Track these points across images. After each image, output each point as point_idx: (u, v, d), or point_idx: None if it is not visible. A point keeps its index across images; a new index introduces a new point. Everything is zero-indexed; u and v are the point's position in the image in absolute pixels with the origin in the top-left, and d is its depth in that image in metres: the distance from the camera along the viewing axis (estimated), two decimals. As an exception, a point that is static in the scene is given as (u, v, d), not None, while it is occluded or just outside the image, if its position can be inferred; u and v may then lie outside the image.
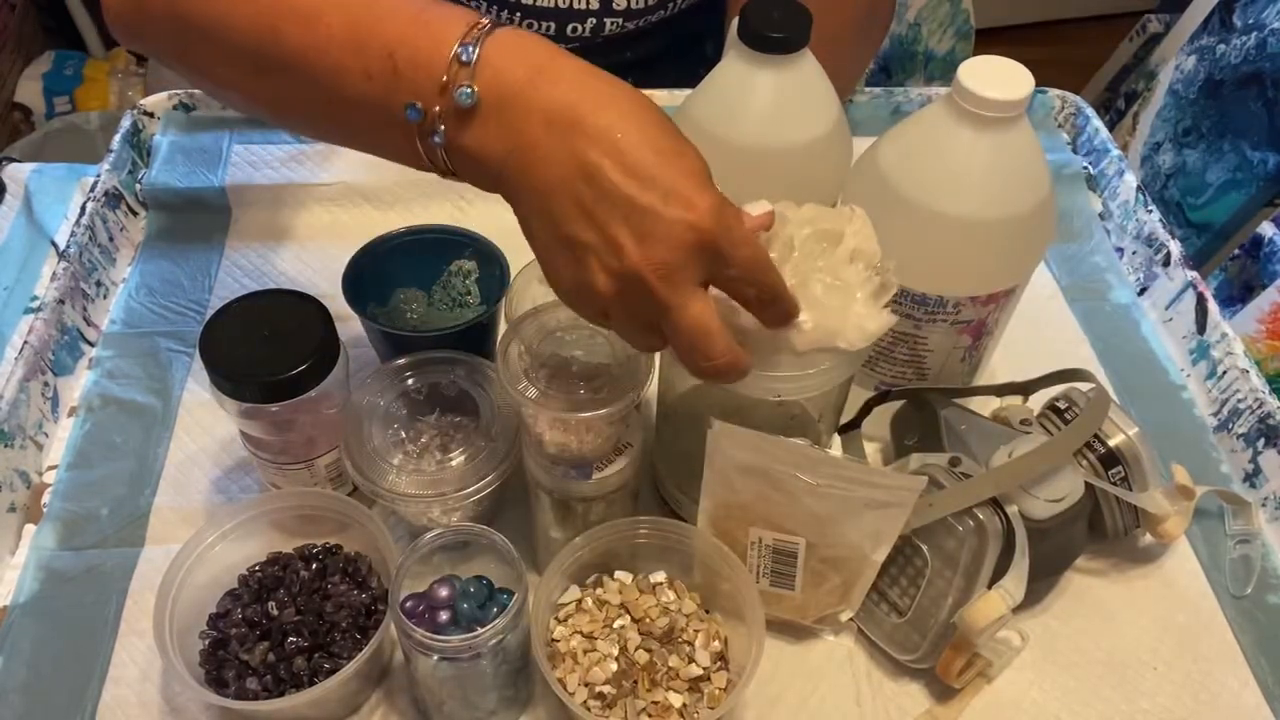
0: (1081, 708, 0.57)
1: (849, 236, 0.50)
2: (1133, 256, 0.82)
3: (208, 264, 0.77)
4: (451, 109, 0.43)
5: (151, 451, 0.66)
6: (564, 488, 0.54)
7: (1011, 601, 0.51)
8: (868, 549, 0.53)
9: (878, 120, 0.88)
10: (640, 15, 0.83)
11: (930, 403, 0.60)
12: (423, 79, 0.43)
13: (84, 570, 0.60)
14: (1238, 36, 1.31)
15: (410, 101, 0.43)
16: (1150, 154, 1.45)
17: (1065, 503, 0.54)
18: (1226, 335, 0.71)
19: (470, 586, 0.53)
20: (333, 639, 0.54)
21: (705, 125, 0.59)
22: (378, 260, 0.63)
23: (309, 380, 0.53)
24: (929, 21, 1.30)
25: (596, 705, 0.51)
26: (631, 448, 0.54)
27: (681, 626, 0.54)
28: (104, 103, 1.87)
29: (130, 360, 0.71)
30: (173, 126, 0.85)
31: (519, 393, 0.50)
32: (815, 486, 0.50)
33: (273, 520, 0.57)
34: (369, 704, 0.55)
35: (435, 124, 0.43)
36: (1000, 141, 0.53)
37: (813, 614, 0.57)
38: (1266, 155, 1.25)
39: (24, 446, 0.64)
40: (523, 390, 0.50)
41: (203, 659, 0.54)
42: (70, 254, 0.71)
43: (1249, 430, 0.68)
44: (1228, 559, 0.64)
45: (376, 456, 0.55)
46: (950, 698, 0.56)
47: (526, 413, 0.52)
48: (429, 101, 0.43)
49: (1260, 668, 0.59)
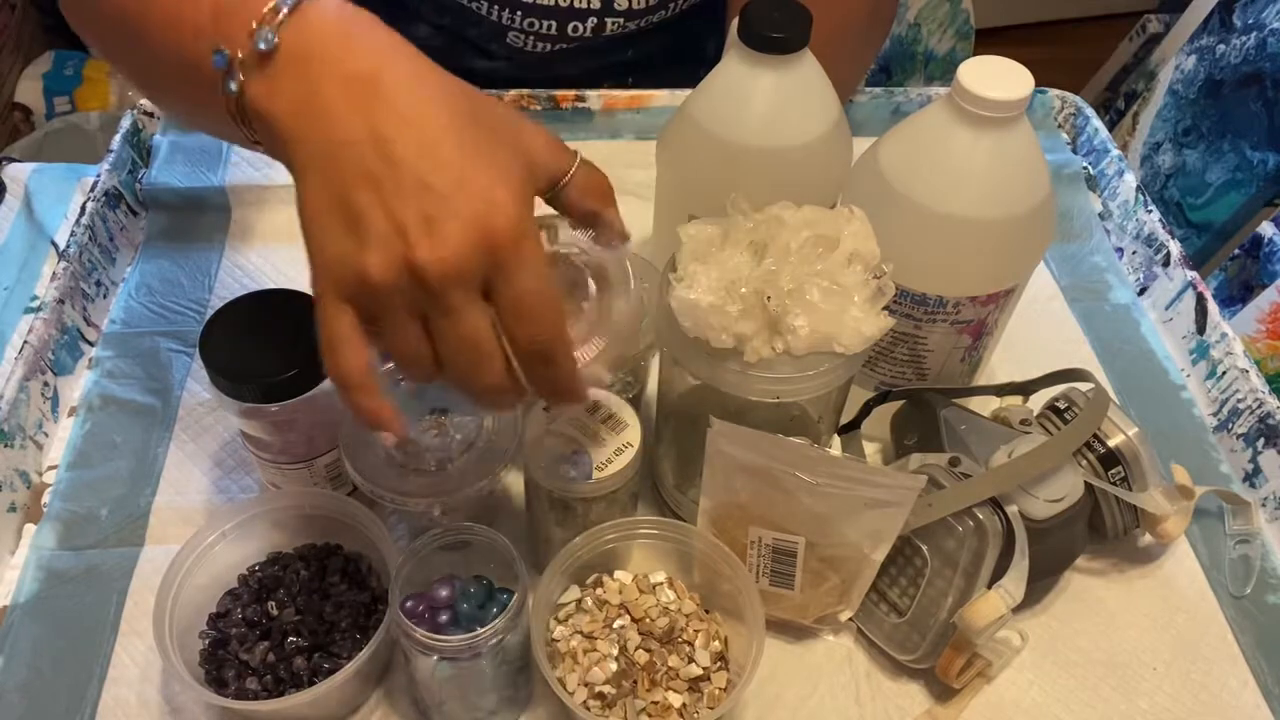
0: (1081, 708, 0.57)
1: (847, 238, 0.50)
2: (1133, 256, 0.82)
3: (208, 264, 0.77)
4: (253, 55, 0.40)
5: (151, 451, 0.66)
6: (564, 488, 0.54)
7: (1011, 601, 0.51)
8: (867, 548, 0.53)
9: (878, 120, 0.88)
10: (641, 15, 0.83)
11: (930, 403, 0.60)
12: (236, 26, 0.40)
13: (84, 570, 0.60)
14: (1238, 36, 1.31)
15: (218, 46, 0.40)
16: (1150, 154, 1.45)
17: (1065, 503, 0.54)
18: (1226, 335, 0.72)
19: (470, 586, 0.53)
20: (333, 639, 0.54)
21: (705, 125, 0.59)
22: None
23: (309, 380, 0.53)
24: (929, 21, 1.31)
25: (596, 705, 0.51)
26: (631, 448, 0.54)
27: (681, 626, 0.54)
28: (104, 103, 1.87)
29: (130, 360, 0.71)
30: (173, 126, 0.85)
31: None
32: (815, 485, 0.50)
33: (273, 520, 0.57)
34: (369, 704, 0.55)
35: (235, 71, 0.40)
36: (1000, 141, 0.53)
37: (812, 614, 0.57)
38: (1266, 155, 1.25)
39: (24, 446, 0.64)
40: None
41: (203, 659, 0.54)
42: (70, 254, 0.71)
43: (1249, 430, 0.68)
44: (1227, 559, 0.64)
45: (376, 456, 0.55)
46: (950, 698, 0.56)
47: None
48: (234, 47, 0.40)
49: (1260, 668, 0.59)
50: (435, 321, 0.39)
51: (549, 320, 0.40)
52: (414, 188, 0.37)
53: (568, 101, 0.87)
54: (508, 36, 0.83)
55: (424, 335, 0.40)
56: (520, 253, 0.39)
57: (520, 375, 0.41)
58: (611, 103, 0.87)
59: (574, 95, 0.87)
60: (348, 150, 0.38)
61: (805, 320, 0.48)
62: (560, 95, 0.87)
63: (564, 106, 0.87)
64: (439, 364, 0.40)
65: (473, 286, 0.38)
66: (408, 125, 0.38)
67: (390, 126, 0.38)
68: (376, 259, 0.38)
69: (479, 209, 0.38)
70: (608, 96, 0.87)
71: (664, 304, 0.50)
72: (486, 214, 0.38)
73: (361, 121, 0.38)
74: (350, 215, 0.38)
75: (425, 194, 0.37)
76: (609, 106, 0.87)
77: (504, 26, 0.82)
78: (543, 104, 0.87)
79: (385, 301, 0.39)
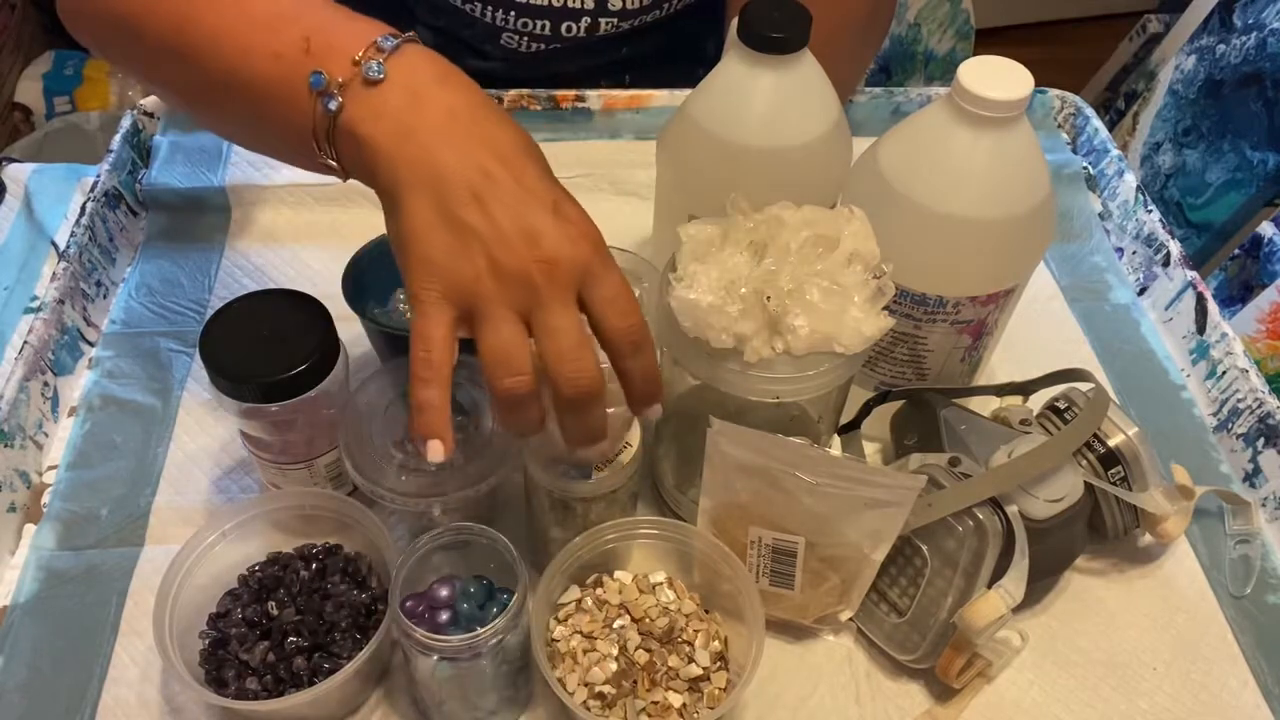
0: (1081, 708, 0.57)
1: (847, 238, 0.50)
2: (1132, 256, 0.82)
3: (208, 264, 0.77)
4: (358, 78, 0.45)
5: (151, 451, 0.66)
6: (564, 488, 0.54)
7: (1011, 601, 0.51)
8: (867, 548, 0.53)
9: (878, 120, 0.88)
10: (635, 15, 0.83)
11: (930, 403, 0.60)
12: (335, 56, 0.45)
13: (84, 570, 0.60)
14: (1238, 36, 1.31)
15: (317, 70, 0.45)
16: (1150, 154, 1.45)
17: (1065, 503, 0.54)
18: (1226, 335, 0.72)
19: (470, 586, 0.53)
20: (333, 639, 0.54)
21: (705, 125, 0.59)
22: (378, 260, 0.63)
23: (309, 380, 0.53)
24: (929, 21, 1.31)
25: (596, 705, 0.51)
26: (631, 448, 0.54)
27: (681, 626, 0.54)
28: (104, 103, 1.87)
29: (130, 360, 0.71)
30: (173, 127, 0.85)
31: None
32: (815, 485, 0.50)
33: (273, 520, 0.57)
34: (369, 704, 0.55)
35: (334, 90, 0.45)
36: (1000, 141, 0.53)
37: (812, 614, 0.57)
38: (1266, 155, 1.25)
39: (24, 446, 0.64)
40: None
41: (203, 659, 0.54)
42: (70, 254, 0.71)
43: (1249, 430, 0.68)
44: (1227, 559, 0.64)
45: (376, 456, 0.55)
46: (950, 698, 0.56)
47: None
48: (335, 72, 0.45)
49: (1259, 668, 0.59)
50: (539, 315, 0.43)
51: (638, 312, 0.45)
52: (519, 211, 0.43)
53: (568, 102, 0.87)
54: (501, 37, 0.84)
55: (522, 331, 0.43)
56: (609, 258, 0.45)
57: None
58: (611, 103, 0.87)
59: (574, 95, 0.87)
60: (460, 174, 0.43)
61: (805, 320, 0.48)
62: (560, 95, 0.87)
63: (564, 107, 0.87)
64: (523, 367, 0.43)
65: (575, 285, 0.44)
66: (506, 159, 0.44)
67: (491, 159, 0.44)
68: (498, 256, 0.42)
69: (574, 232, 0.43)
70: (607, 96, 0.87)
71: (664, 304, 0.50)
72: (581, 237, 0.44)
73: (471, 149, 0.44)
74: (461, 226, 0.43)
75: (530, 217, 0.43)
76: (609, 106, 0.87)
77: (498, 28, 0.82)
78: (543, 104, 0.87)
79: (494, 297, 0.43)
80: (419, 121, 0.44)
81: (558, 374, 0.43)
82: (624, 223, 0.81)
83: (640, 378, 0.46)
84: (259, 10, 0.48)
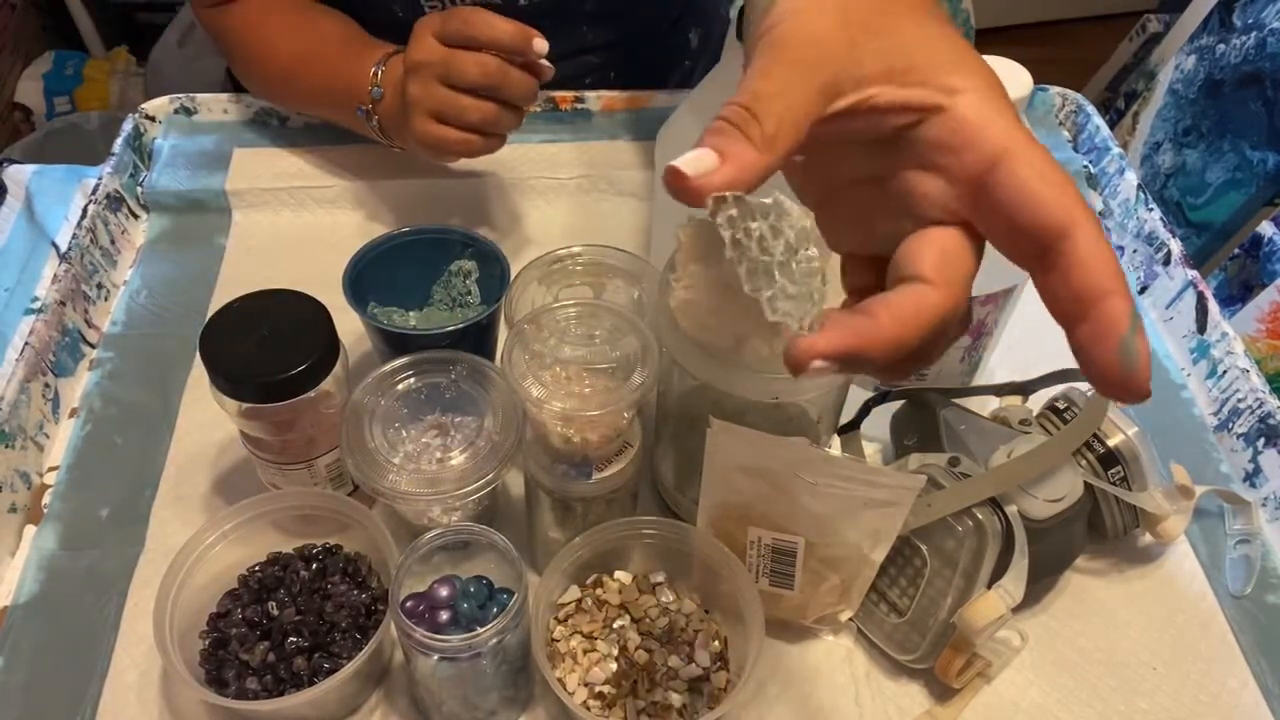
0: (1081, 708, 0.57)
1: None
2: (1133, 255, 0.82)
3: (208, 266, 0.78)
4: (371, 99, 0.72)
5: (152, 452, 0.66)
6: (564, 488, 0.54)
7: (1011, 601, 0.51)
8: (866, 548, 0.53)
9: (877, 120, 0.88)
10: None
11: (930, 403, 0.60)
12: (358, 93, 0.72)
13: (84, 570, 0.60)
14: (1237, 36, 1.31)
15: (360, 106, 0.73)
16: (1150, 153, 1.45)
17: (1064, 503, 0.54)
18: (1227, 335, 0.71)
19: (470, 586, 0.53)
20: (333, 639, 0.54)
21: (705, 124, 0.59)
22: (378, 260, 0.63)
23: (309, 380, 0.53)
24: (929, 21, 1.30)
25: (596, 705, 0.51)
26: (631, 448, 0.54)
27: (681, 626, 0.54)
28: (104, 103, 1.87)
29: (131, 361, 0.71)
30: (174, 130, 0.85)
31: (524, 390, 0.50)
32: (814, 485, 0.50)
33: (273, 520, 0.57)
34: (369, 704, 0.55)
35: (372, 116, 0.73)
36: (999, 141, 0.52)
37: (812, 614, 0.57)
38: (1266, 155, 1.25)
39: (25, 447, 0.64)
40: (528, 388, 0.50)
41: (203, 659, 0.54)
42: (71, 256, 0.72)
43: (1249, 430, 0.68)
44: (1227, 559, 0.64)
45: (376, 456, 0.55)
46: (949, 698, 0.56)
47: (531, 412, 0.52)
48: (365, 102, 0.72)
49: (1260, 668, 0.59)
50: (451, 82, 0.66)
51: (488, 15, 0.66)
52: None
53: (567, 103, 0.87)
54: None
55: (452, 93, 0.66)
56: (453, 21, 0.65)
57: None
58: (610, 103, 0.87)
59: (573, 96, 0.87)
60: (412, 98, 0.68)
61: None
62: (560, 96, 0.87)
63: (564, 108, 0.87)
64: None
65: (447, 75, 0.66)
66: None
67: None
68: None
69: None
70: (607, 97, 0.87)
71: (663, 304, 0.50)
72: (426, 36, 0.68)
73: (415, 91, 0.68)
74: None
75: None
76: (608, 107, 0.87)
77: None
78: (542, 105, 0.87)
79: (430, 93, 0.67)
80: (398, 105, 0.69)
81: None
82: (624, 223, 0.82)
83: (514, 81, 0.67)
84: (317, 71, 0.76)
